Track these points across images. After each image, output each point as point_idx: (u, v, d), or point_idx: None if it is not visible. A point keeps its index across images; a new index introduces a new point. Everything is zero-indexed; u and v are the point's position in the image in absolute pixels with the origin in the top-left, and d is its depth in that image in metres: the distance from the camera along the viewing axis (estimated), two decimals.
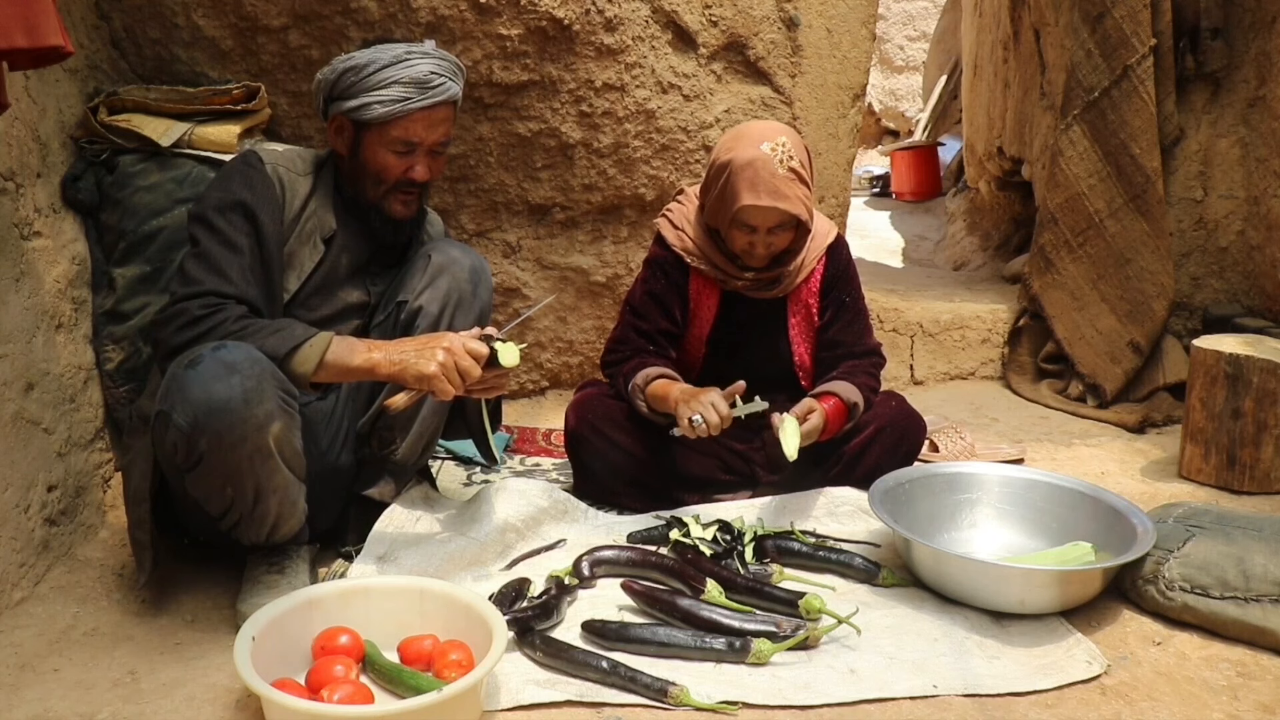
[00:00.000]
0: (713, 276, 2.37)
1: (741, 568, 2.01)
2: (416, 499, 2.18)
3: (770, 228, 2.22)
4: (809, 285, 2.41)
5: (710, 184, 2.27)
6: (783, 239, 2.27)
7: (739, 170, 2.17)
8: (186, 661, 1.72)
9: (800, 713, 1.59)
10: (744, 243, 2.26)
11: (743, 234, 2.24)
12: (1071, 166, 3.32)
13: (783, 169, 2.16)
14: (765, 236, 2.23)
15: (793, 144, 2.19)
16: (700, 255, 2.36)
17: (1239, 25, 3.30)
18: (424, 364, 1.78)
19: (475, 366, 1.81)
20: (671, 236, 2.39)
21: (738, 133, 2.25)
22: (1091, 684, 1.68)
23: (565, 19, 2.76)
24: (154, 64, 2.67)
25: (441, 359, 1.78)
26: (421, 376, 1.78)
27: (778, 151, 2.16)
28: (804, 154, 2.23)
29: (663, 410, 2.25)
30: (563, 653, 1.68)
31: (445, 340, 1.81)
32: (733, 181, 2.18)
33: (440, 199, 2.98)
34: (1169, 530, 1.97)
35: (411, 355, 1.79)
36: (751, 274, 2.34)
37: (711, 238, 2.35)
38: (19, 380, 1.95)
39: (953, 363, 3.59)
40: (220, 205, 1.88)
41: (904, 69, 8.29)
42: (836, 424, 2.24)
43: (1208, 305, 3.47)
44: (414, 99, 1.92)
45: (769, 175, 2.15)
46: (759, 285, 2.37)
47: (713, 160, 2.27)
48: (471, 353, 1.81)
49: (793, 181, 2.17)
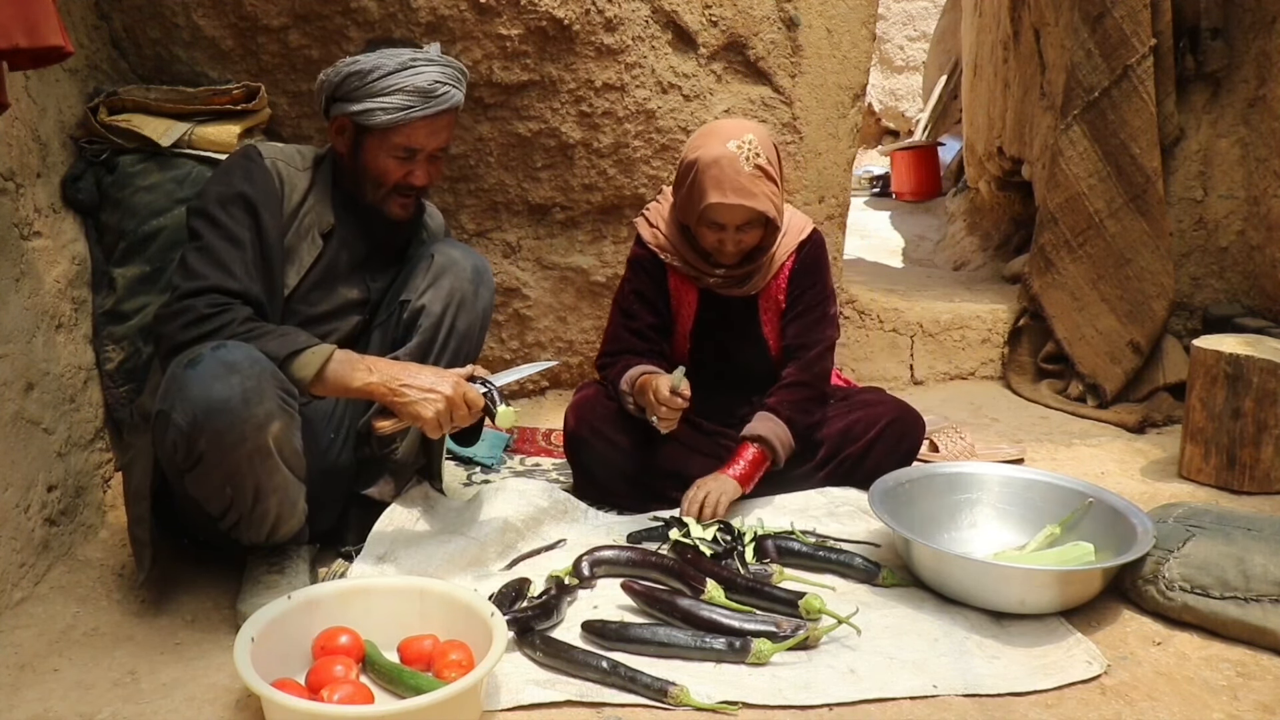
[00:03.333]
0: (686, 274, 2.39)
1: (741, 568, 2.01)
2: (416, 499, 2.17)
3: (738, 225, 2.23)
4: (778, 281, 2.42)
5: (680, 182, 2.29)
6: (752, 236, 2.28)
7: (705, 169, 2.18)
8: (186, 661, 1.72)
9: (800, 713, 1.59)
10: (713, 240, 2.27)
11: (711, 232, 2.26)
12: (1071, 166, 3.32)
13: (749, 166, 2.16)
14: (734, 234, 2.25)
15: (760, 141, 2.20)
16: (674, 252, 2.38)
17: (1239, 25, 3.30)
18: (423, 409, 1.82)
19: (469, 417, 1.87)
20: (648, 235, 2.42)
21: (706, 130, 2.27)
22: (1091, 684, 1.68)
23: (565, 19, 2.76)
24: (154, 64, 2.67)
25: (440, 408, 1.82)
26: (417, 418, 1.83)
27: (744, 149, 2.17)
28: (772, 151, 2.24)
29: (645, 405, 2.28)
30: (563, 653, 1.68)
31: (448, 388, 1.83)
32: (700, 180, 2.19)
33: (440, 199, 2.98)
34: (1169, 530, 1.97)
35: (414, 394, 1.82)
36: (723, 270, 2.35)
37: (684, 235, 2.37)
38: (19, 380, 1.95)
39: (953, 363, 3.59)
40: (221, 198, 1.89)
41: (904, 69, 8.29)
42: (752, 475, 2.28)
43: (1208, 305, 3.46)
44: (417, 108, 1.93)
45: (734, 173, 2.16)
46: (730, 283, 2.38)
47: (682, 158, 2.29)
48: (469, 402, 1.85)
49: (759, 179, 2.18)
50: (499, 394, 1.91)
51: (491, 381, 1.92)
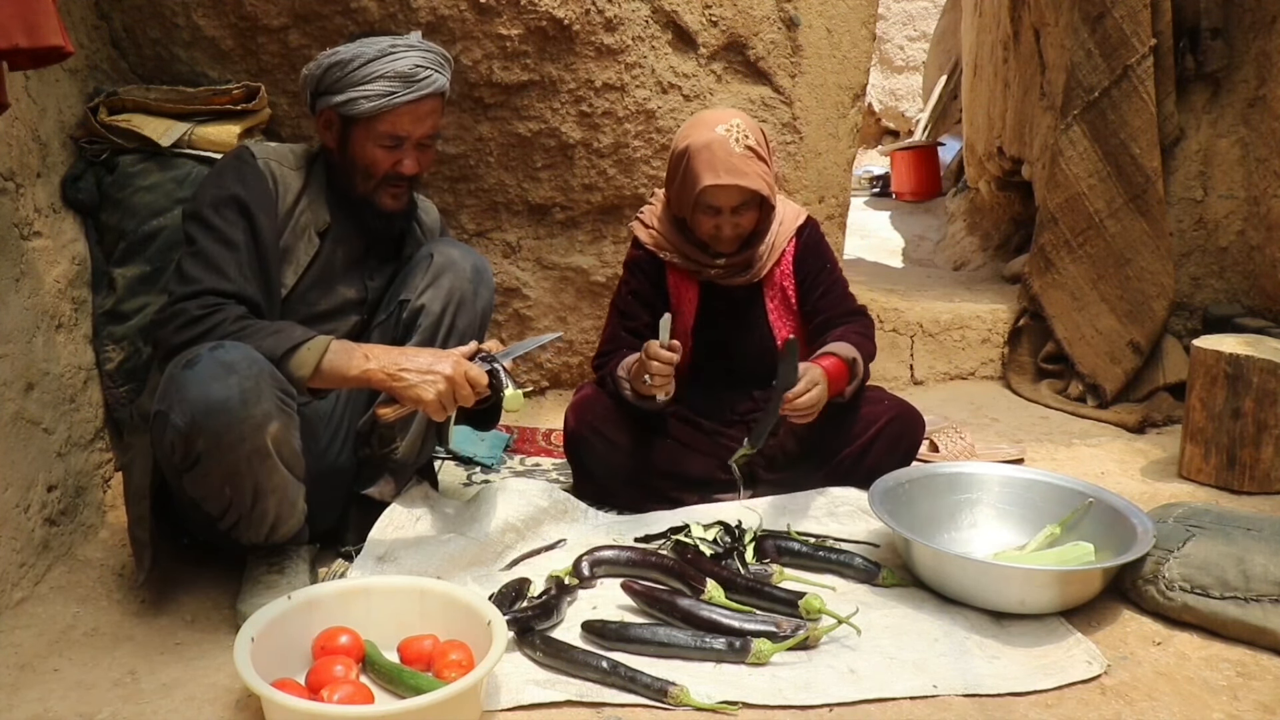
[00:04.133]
0: (686, 269, 2.40)
1: (741, 568, 2.01)
2: (416, 499, 2.17)
3: (733, 207, 2.25)
4: (781, 268, 2.43)
5: (672, 173, 2.31)
6: (748, 219, 2.29)
7: (696, 153, 2.21)
8: (186, 661, 1.72)
9: (800, 713, 1.59)
10: (710, 226, 2.28)
11: (708, 217, 2.27)
12: (1071, 166, 3.32)
13: (739, 147, 2.20)
14: (730, 217, 2.26)
15: (746, 125, 2.25)
16: (672, 249, 2.39)
17: (1239, 25, 3.30)
18: (423, 390, 1.80)
19: (471, 396, 1.84)
20: (644, 235, 2.43)
21: (692, 121, 2.32)
22: (1091, 684, 1.68)
23: (565, 19, 2.77)
24: (154, 64, 2.67)
25: (441, 389, 1.80)
26: (419, 401, 1.80)
27: (733, 132, 2.21)
28: (759, 134, 2.28)
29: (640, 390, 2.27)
30: (563, 653, 1.68)
31: (448, 367, 1.81)
32: (692, 165, 2.22)
33: (440, 199, 2.98)
34: (1169, 530, 1.97)
35: (413, 377, 1.80)
36: (723, 260, 2.36)
37: (680, 230, 2.38)
38: (19, 380, 1.95)
39: (953, 363, 3.59)
40: (215, 201, 1.88)
41: (904, 69, 8.29)
42: (840, 381, 2.23)
43: (1208, 305, 3.46)
44: (399, 93, 1.92)
45: (726, 154, 2.19)
46: (731, 271, 2.39)
47: (671, 150, 2.31)
48: (471, 380, 1.83)
49: (750, 159, 2.21)
50: (506, 372, 1.88)
51: (496, 358, 1.90)
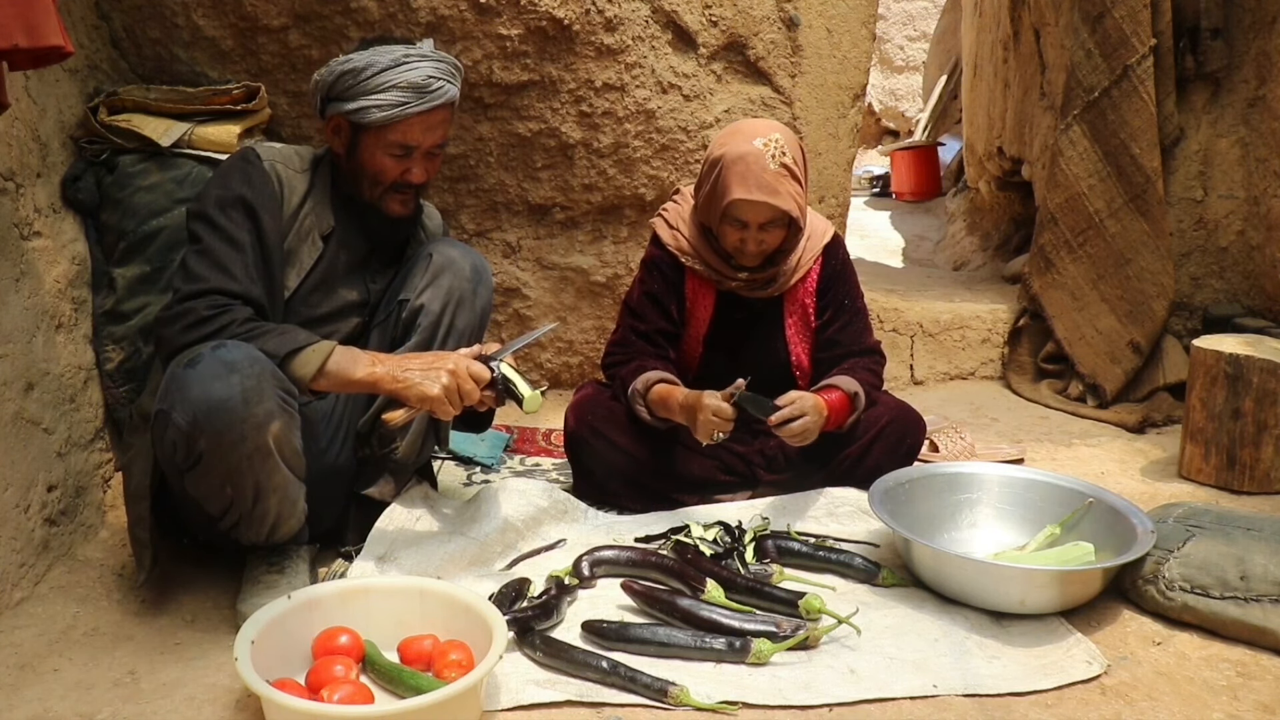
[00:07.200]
0: (707, 276, 2.36)
1: (741, 568, 2.01)
2: (416, 498, 2.17)
3: (761, 224, 2.21)
4: (805, 285, 2.40)
5: (703, 180, 2.27)
6: (774, 237, 2.25)
7: (730, 164, 2.17)
8: (186, 661, 1.72)
9: (800, 713, 1.59)
10: (735, 239, 2.25)
11: (734, 230, 2.23)
12: (1071, 166, 3.32)
13: (774, 164, 2.15)
14: (756, 233, 2.22)
15: (786, 141, 2.19)
16: (695, 254, 2.36)
17: (1239, 25, 3.30)
18: (428, 386, 1.79)
19: (476, 390, 1.83)
20: (666, 236, 2.39)
21: (732, 129, 2.26)
22: (1091, 684, 1.68)
23: (565, 19, 2.77)
24: (154, 64, 2.67)
25: (446, 382, 1.79)
26: (425, 398, 1.80)
27: (770, 147, 2.16)
28: (798, 151, 2.23)
29: (664, 415, 2.25)
30: (563, 653, 1.68)
31: (450, 363, 1.82)
32: (724, 176, 2.18)
33: (440, 199, 2.98)
34: (1169, 530, 1.97)
35: (416, 375, 1.80)
36: (746, 274, 2.33)
37: (705, 236, 2.34)
38: (19, 380, 1.95)
39: (953, 363, 3.59)
40: (221, 201, 1.88)
41: (904, 69, 8.29)
42: (839, 415, 2.23)
43: (1208, 305, 3.46)
44: (412, 104, 1.92)
45: (760, 170, 2.15)
46: (753, 285, 2.36)
47: (706, 156, 2.27)
48: (474, 376, 1.83)
49: (784, 178, 2.17)
50: (519, 373, 1.88)
51: (496, 358, 1.89)
